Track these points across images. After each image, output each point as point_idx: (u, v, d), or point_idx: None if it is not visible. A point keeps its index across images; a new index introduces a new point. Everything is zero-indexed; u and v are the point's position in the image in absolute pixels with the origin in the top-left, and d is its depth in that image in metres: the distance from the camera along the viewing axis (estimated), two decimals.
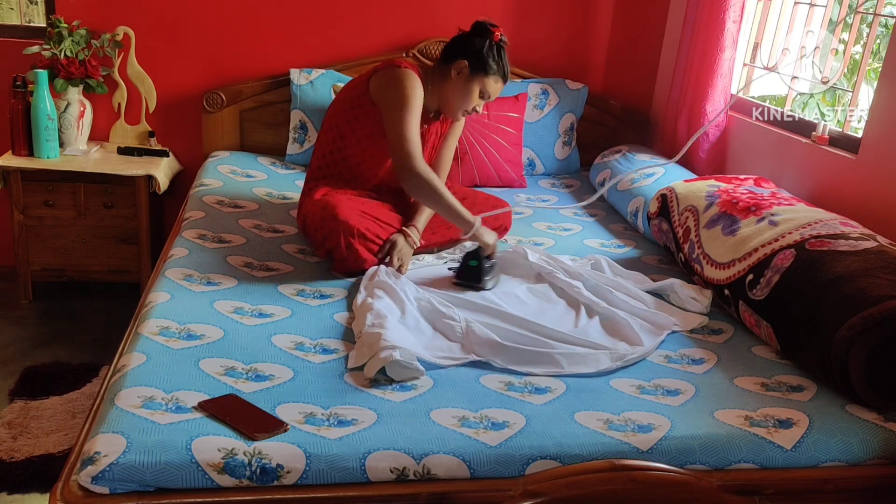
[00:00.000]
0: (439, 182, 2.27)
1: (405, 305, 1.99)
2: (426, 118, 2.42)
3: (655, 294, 2.28)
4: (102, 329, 3.02)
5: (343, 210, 2.23)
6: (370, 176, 2.48)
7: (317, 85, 3.26)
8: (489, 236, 2.29)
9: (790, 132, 2.71)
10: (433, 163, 2.55)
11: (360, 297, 2.04)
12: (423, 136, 2.42)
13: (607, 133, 3.63)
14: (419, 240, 2.37)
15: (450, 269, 2.29)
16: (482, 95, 2.38)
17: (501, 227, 2.59)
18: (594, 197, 2.58)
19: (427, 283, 2.21)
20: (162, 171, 3.13)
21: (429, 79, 2.39)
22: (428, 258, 2.43)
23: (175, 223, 2.72)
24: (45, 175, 3.04)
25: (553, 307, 2.14)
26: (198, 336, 1.78)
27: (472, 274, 2.21)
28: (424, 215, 2.42)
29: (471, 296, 2.12)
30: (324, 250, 2.27)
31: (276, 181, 3.03)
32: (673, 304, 2.24)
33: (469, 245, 2.46)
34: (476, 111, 2.42)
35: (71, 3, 3.15)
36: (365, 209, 2.31)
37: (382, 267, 2.20)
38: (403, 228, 2.34)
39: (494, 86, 2.37)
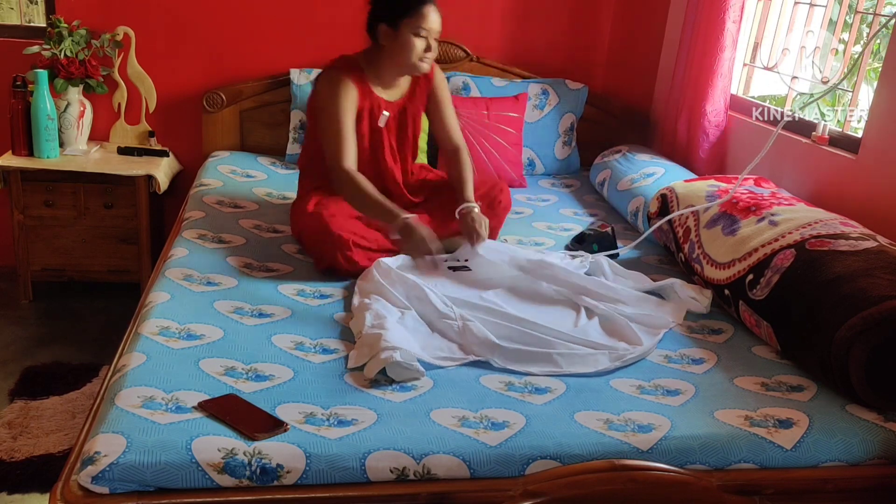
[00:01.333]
0: (366, 183, 2.24)
1: (402, 306, 1.99)
2: (382, 102, 2.40)
3: (655, 294, 2.28)
4: (102, 329, 3.02)
5: (336, 223, 2.20)
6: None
7: None
8: (408, 239, 2.14)
9: (790, 132, 2.71)
10: (440, 128, 2.53)
11: (356, 299, 2.03)
12: (366, 123, 2.39)
13: (607, 133, 3.63)
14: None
15: (449, 266, 2.30)
16: (419, 34, 2.27)
17: (501, 205, 2.52)
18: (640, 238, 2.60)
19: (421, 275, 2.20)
20: (162, 171, 3.13)
21: (370, 60, 2.37)
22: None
23: (175, 223, 2.72)
24: (45, 175, 3.04)
25: (552, 307, 2.14)
26: (198, 336, 1.78)
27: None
28: (469, 186, 2.38)
29: (470, 295, 2.12)
30: (324, 264, 2.24)
31: (276, 181, 3.03)
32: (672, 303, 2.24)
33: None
34: (430, 50, 2.31)
35: (71, 3, 3.15)
36: (358, 216, 2.29)
37: (374, 268, 2.16)
38: (468, 205, 2.29)
39: (424, 17, 2.27)
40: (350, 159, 2.27)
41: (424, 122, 2.85)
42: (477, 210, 2.31)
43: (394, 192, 2.47)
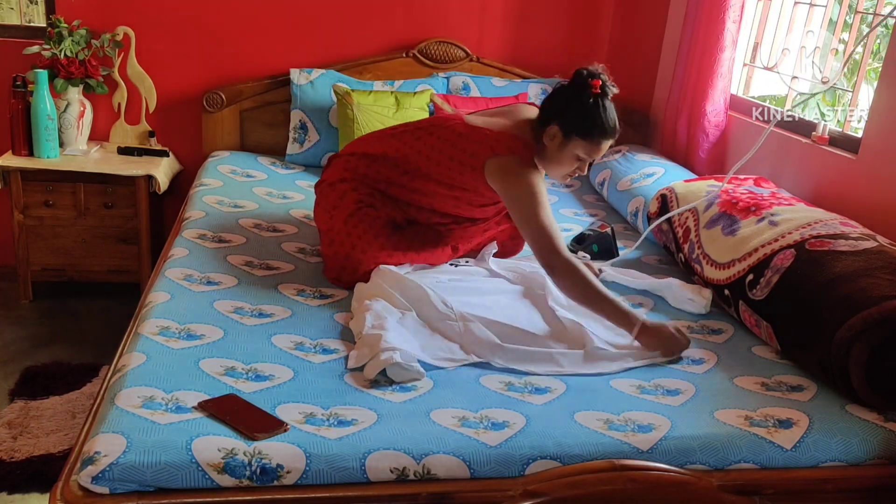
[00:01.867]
0: (591, 275, 2.01)
1: (403, 307, 1.99)
2: None
3: (655, 294, 2.28)
4: (102, 329, 3.02)
5: (363, 268, 2.14)
6: (415, 212, 2.28)
7: (317, 85, 3.26)
8: (657, 335, 1.94)
9: (790, 132, 2.71)
10: None
11: (355, 301, 2.03)
12: None
13: None
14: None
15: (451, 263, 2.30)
16: (583, 158, 2.12)
17: (510, 253, 2.47)
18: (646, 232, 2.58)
19: (421, 275, 2.20)
20: (162, 171, 3.13)
21: (533, 147, 2.15)
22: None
23: (175, 223, 2.72)
24: (45, 175, 3.04)
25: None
26: (198, 336, 1.78)
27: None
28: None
29: (470, 294, 2.12)
30: (333, 274, 2.18)
31: (276, 181, 3.03)
32: (671, 305, 2.24)
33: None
34: (581, 173, 2.17)
35: (71, 3, 3.15)
36: (389, 257, 2.17)
37: (374, 270, 2.13)
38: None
39: (598, 149, 2.10)
40: (565, 249, 2.03)
41: None
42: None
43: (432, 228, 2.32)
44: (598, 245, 2.54)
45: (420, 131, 2.26)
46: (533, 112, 2.23)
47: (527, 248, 2.36)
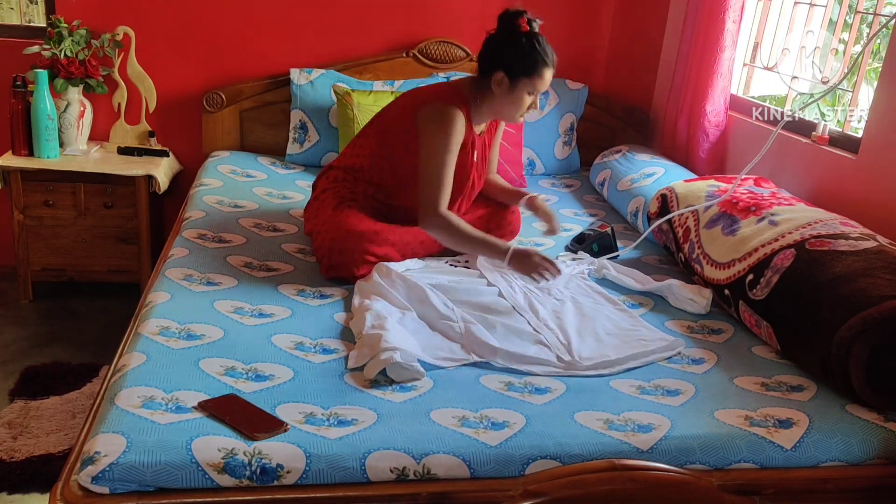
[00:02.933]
0: (461, 222, 2.23)
1: (403, 307, 1.99)
2: (474, 139, 2.34)
3: (655, 294, 2.28)
4: (102, 329, 3.03)
5: (356, 243, 2.16)
6: (400, 199, 2.38)
7: (317, 85, 3.26)
8: (526, 261, 2.17)
9: (790, 132, 2.71)
10: (486, 169, 2.52)
11: (356, 300, 2.04)
12: (471, 158, 2.35)
13: (607, 133, 3.63)
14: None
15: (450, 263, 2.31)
16: (532, 93, 2.25)
17: (509, 227, 2.56)
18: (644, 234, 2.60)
19: (422, 273, 2.21)
20: (162, 171, 3.13)
21: (476, 96, 2.28)
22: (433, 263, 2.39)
23: (175, 223, 2.72)
24: (45, 175, 3.04)
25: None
26: (198, 336, 1.78)
27: None
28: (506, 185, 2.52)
29: (470, 295, 2.12)
30: (333, 273, 2.20)
31: (276, 181, 3.03)
32: (671, 305, 2.24)
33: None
34: (534, 108, 2.30)
35: (71, 3, 3.15)
36: (382, 239, 2.23)
37: (375, 269, 2.15)
38: (530, 195, 2.41)
39: (542, 80, 2.23)
40: (446, 203, 2.23)
41: None
42: (540, 196, 2.42)
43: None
44: (599, 244, 2.54)
45: (370, 127, 2.42)
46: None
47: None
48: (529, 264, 2.17)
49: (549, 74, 2.24)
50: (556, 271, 2.17)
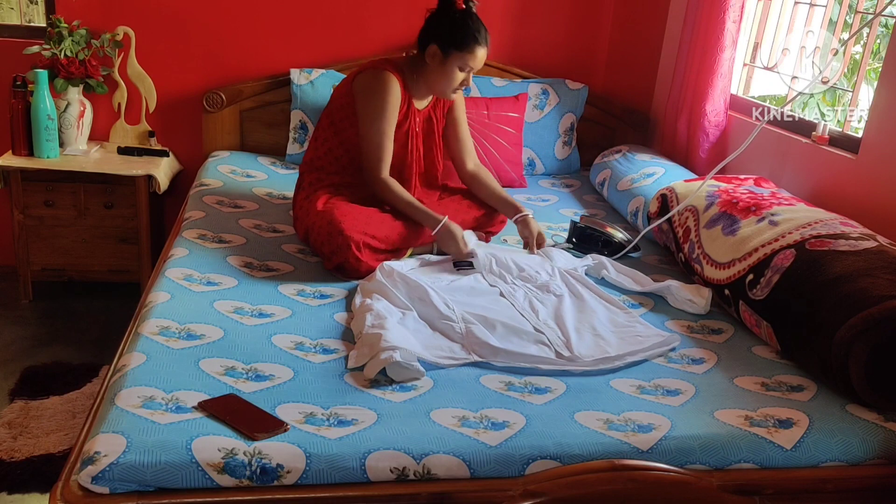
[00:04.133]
0: (400, 188, 2.36)
1: (403, 307, 1.99)
2: (414, 110, 2.44)
3: (655, 294, 2.28)
4: (102, 329, 3.03)
5: (347, 223, 2.20)
6: (355, 173, 2.47)
7: (317, 85, 3.26)
8: (450, 241, 2.31)
9: (790, 132, 2.71)
10: (457, 150, 2.58)
11: (357, 299, 2.04)
12: (412, 127, 2.45)
13: (607, 133, 3.63)
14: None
15: (455, 264, 2.31)
16: (464, 69, 2.34)
17: (489, 232, 2.61)
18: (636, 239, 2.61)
19: (424, 273, 2.22)
20: (162, 171, 3.13)
21: (412, 70, 2.40)
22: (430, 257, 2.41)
23: (175, 223, 2.72)
24: (45, 175, 3.04)
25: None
26: (198, 336, 1.78)
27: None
28: (499, 189, 2.57)
29: (471, 295, 2.12)
30: (332, 263, 2.24)
31: (276, 181, 3.03)
32: (671, 306, 2.24)
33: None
34: (466, 84, 2.39)
35: (71, 3, 3.15)
36: (369, 216, 2.30)
37: (377, 269, 2.17)
38: (523, 214, 2.46)
39: (474, 56, 2.32)
40: (387, 169, 2.37)
41: None
42: (531, 215, 2.48)
43: (413, 193, 2.50)
44: (576, 237, 2.60)
45: (323, 122, 2.50)
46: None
47: (509, 226, 2.63)
48: (451, 245, 2.31)
49: (481, 52, 2.33)
50: (471, 270, 2.26)
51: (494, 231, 2.64)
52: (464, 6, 2.32)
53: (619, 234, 2.59)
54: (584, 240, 2.58)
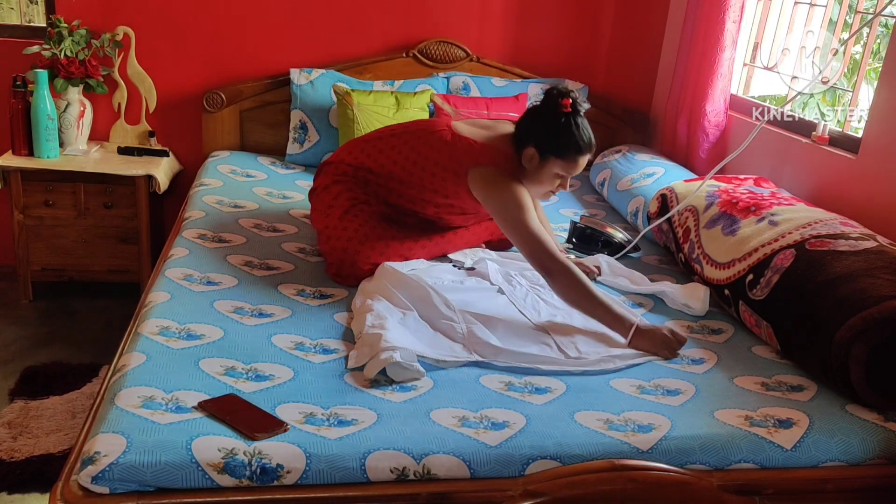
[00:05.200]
0: (583, 277, 2.02)
1: (404, 307, 1.99)
2: None
3: (654, 296, 2.28)
4: (102, 329, 3.03)
5: (363, 255, 2.17)
6: (407, 212, 2.33)
7: (317, 85, 3.26)
8: (651, 338, 1.95)
9: (790, 132, 2.71)
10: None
11: (358, 299, 2.04)
12: None
13: (607, 133, 3.63)
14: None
15: (454, 265, 2.31)
16: (562, 175, 2.16)
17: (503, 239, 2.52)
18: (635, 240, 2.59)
19: (425, 273, 2.21)
20: (162, 171, 3.13)
21: (510, 165, 2.19)
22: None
23: (175, 223, 2.72)
24: (45, 175, 3.04)
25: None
26: (198, 336, 1.78)
27: None
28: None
29: (471, 294, 2.12)
30: (332, 270, 2.21)
31: (276, 181, 3.03)
32: (671, 307, 2.24)
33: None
34: (563, 189, 2.21)
35: (71, 3, 3.15)
36: (385, 247, 2.22)
37: (378, 269, 2.16)
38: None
39: (575, 165, 2.13)
40: (556, 252, 2.05)
41: None
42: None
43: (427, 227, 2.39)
44: (576, 237, 2.60)
45: (407, 135, 2.30)
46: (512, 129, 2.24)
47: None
48: (655, 341, 1.95)
49: (583, 160, 2.14)
50: (683, 341, 1.97)
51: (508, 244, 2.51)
52: (571, 109, 2.09)
53: (618, 235, 2.59)
54: (583, 240, 2.59)
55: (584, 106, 2.14)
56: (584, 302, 2.00)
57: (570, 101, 2.09)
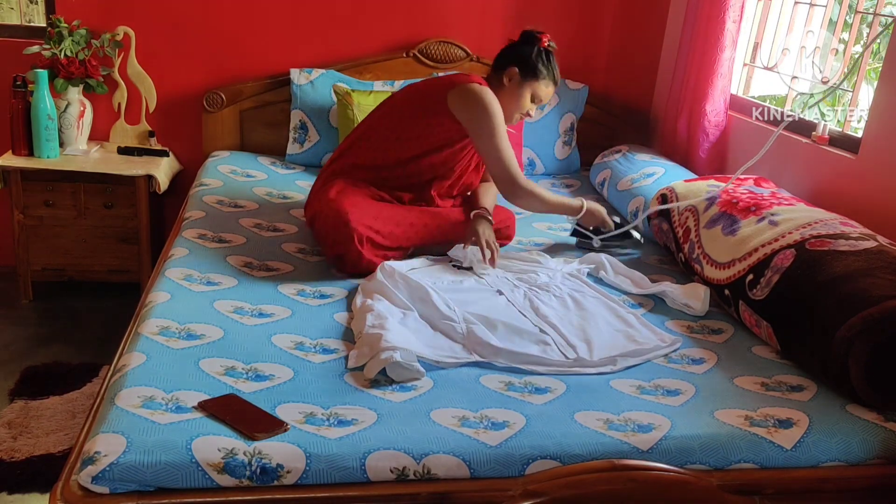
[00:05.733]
0: (541, 189, 2.47)
1: (404, 307, 1.99)
2: None
3: (654, 295, 2.28)
4: (102, 329, 3.03)
5: (354, 215, 2.20)
6: (413, 184, 2.45)
7: (317, 85, 3.26)
8: (596, 214, 2.54)
9: (790, 132, 2.71)
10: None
11: (358, 299, 2.04)
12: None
13: (607, 133, 3.63)
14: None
15: (453, 264, 2.31)
16: (534, 100, 2.47)
17: (506, 237, 2.57)
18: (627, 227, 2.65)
19: (425, 273, 2.22)
20: (162, 170, 3.13)
21: (493, 89, 2.42)
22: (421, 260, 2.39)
23: (175, 223, 2.72)
24: (45, 175, 3.04)
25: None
26: (198, 336, 1.78)
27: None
28: (490, 199, 2.54)
29: (471, 293, 2.12)
30: (333, 252, 2.25)
31: (276, 181, 3.03)
32: (671, 307, 2.24)
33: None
34: (529, 115, 2.52)
35: (71, 3, 3.15)
36: (378, 211, 2.29)
37: (378, 269, 2.17)
38: (477, 212, 2.42)
39: (545, 90, 2.47)
40: (521, 173, 2.41)
41: None
42: (486, 221, 2.41)
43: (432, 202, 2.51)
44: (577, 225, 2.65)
45: (388, 99, 2.56)
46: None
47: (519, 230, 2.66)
48: (596, 218, 2.56)
49: (552, 89, 2.50)
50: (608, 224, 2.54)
51: (502, 243, 2.55)
52: (546, 45, 2.44)
53: (635, 234, 2.66)
54: (612, 238, 2.61)
55: (554, 46, 2.48)
56: (547, 209, 2.51)
57: (547, 38, 2.46)
